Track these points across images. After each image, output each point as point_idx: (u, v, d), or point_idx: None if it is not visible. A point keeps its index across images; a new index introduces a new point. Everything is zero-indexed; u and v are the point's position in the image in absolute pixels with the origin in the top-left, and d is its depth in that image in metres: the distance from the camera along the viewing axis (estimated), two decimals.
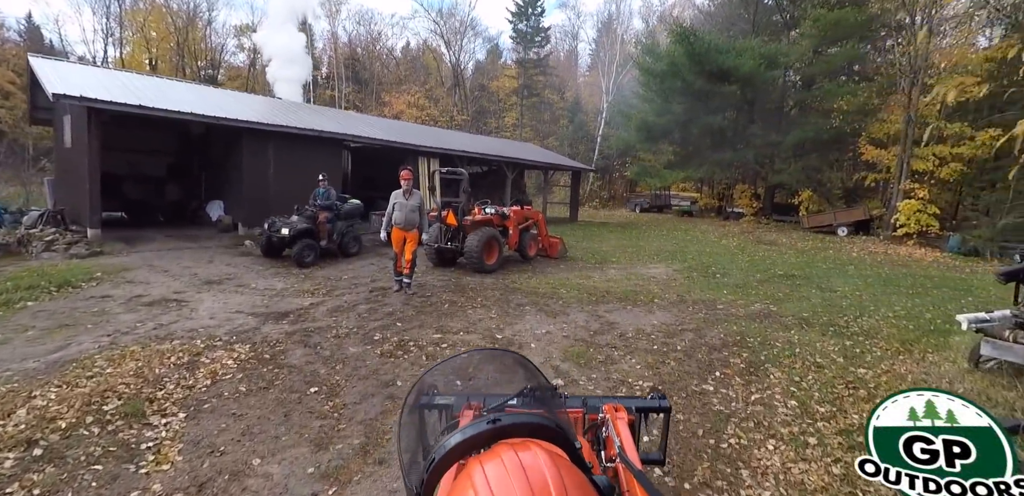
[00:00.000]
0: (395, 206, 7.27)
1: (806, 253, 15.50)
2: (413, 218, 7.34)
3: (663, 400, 1.93)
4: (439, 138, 18.29)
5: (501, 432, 0.92)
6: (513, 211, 10.54)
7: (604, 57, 42.48)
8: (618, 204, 40.20)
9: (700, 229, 21.97)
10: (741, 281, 10.19)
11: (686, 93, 21.44)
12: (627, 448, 1.46)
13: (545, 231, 11.66)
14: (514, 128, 46.93)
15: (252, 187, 11.54)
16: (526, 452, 0.83)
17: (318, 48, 48.89)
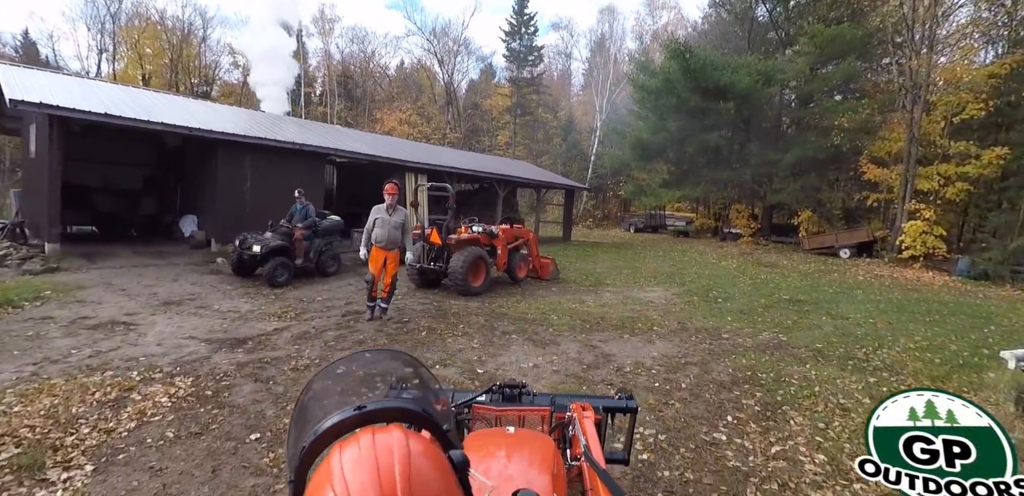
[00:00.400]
0: (376, 222, 6.68)
1: (810, 276, 15.04)
2: (396, 236, 6.75)
3: (630, 400, 2.00)
4: (428, 154, 17.91)
5: (367, 418, 0.95)
6: (502, 230, 10.04)
7: (597, 76, 42.82)
8: (612, 224, 39.94)
9: (697, 250, 21.56)
10: (745, 306, 9.67)
11: (681, 110, 21.33)
12: (592, 447, 1.49)
13: (536, 251, 11.15)
14: (507, 147, 46.94)
15: (227, 202, 11.00)
16: (383, 434, 0.85)
17: (311, 65, 49.18)
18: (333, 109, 45.05)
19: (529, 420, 1.85)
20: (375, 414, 0.95)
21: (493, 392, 1.96)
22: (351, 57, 49.73)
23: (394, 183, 6.73)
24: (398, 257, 6.91)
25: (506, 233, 10.21)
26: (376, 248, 6.73)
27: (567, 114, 47.90)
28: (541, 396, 1.97)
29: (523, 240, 10.82)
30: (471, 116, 49.92)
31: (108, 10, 42.68)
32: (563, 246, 20.39)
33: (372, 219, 6.69)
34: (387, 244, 6.70)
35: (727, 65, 19.11)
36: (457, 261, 8.71)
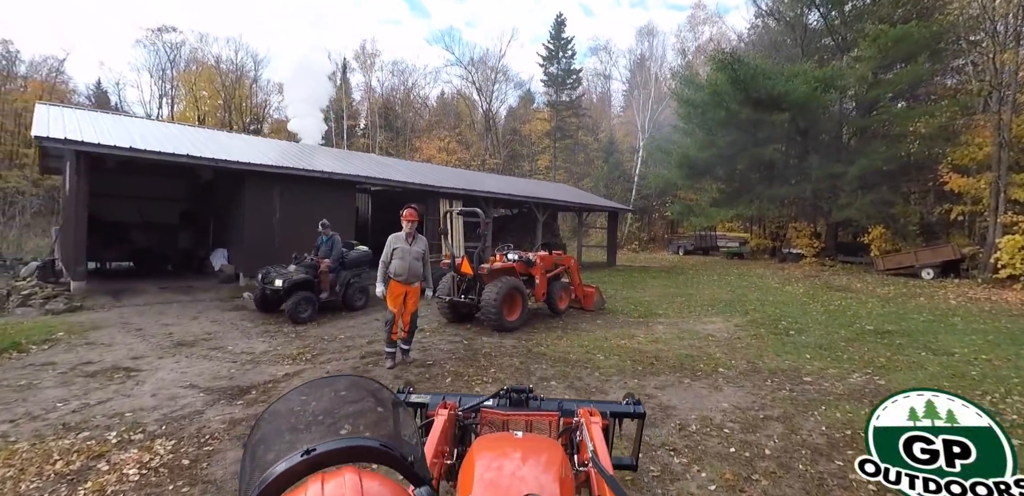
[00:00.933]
0: (394, 253, 6.02)
1: (892, 301, 13.41)
2: (416, 268, 6.07)
3: (638, 406, 2.01)
4: (464, 179, 17.51)
5: (317, 462, 0.89)
6: (540, 257, 9.26)
7: (638, 95, 42.21)
8: (659, 246, 38.46)
9: (756, 273, 20.02)
10: (824, 340, 8.44)
11: (731, 124, 20.21)
12: (600, 453, 1.52)
13: (579, 279, 10.29)
14: (547, 171, 46.62)
15: (255, 234, 10.77)
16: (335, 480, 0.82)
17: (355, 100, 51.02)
18: (375, 140, 46.21)
19: (536, 425, 1.87)
20: (326, 457, 0.90)
21: (500, 396, 1.98)
22: (392, 90, 51.30)
23: (413, 208, 6.09)
24: (419, 292, 6.23)
25: (544, 260, 9.42)
26: (394, 282, 6.06)
27: (608, 135, 47.34)
28: (548, 401, 1.99)
29: (563, 267, 10.00)
30: (510, 142, 50.14)
31: (168, 57, 45.76)
32: (608, 272, 19.38)
33: (389, 249, 6.04)
34: (407, 277, 6.03)
35: (780, 73, 17.99)
36: (490, 293, 7.96)
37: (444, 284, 8.56)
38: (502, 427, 1.85)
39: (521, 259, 9.01)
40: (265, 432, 1.09)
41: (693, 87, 21.56)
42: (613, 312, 10.55)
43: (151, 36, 44.90)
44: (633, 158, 40.71)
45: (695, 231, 32.83)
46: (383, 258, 6.09)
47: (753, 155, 20.57)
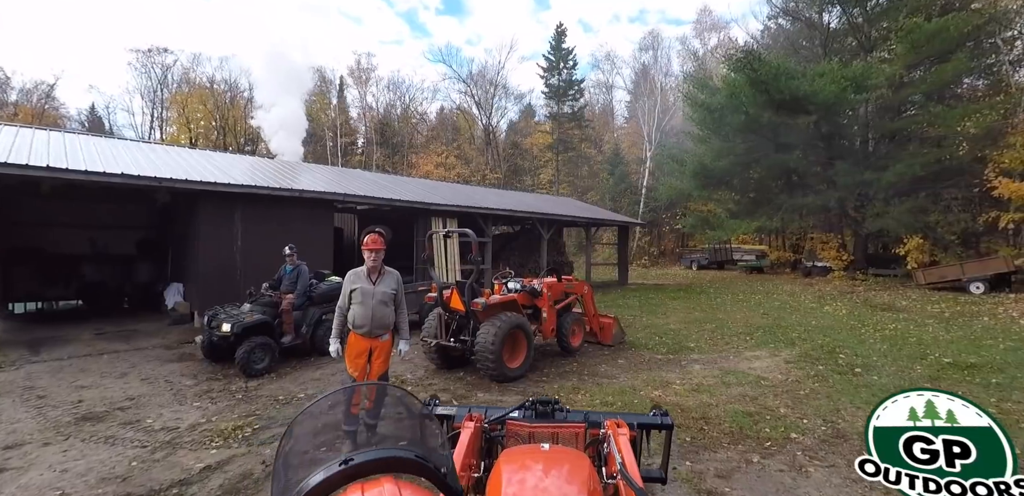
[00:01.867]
0: (353, 295, 4.50)
1: (952, 323, 11.76)
2: (384, 315, 4.53)
3: (666, 417, 2.05)
4: (460, 195, 16.10)
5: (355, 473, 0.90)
6: (547, 285, 7.73)
7: (644, 105, 41.05)
8: (670, 261, 36.87)
9: (784, 290, 18.39)
10: (901, 380, 6.93)
11: (750, 129, 18.78)
12: (628, 465, 1.53)
13: (594, 309, 8.73)
14: (550, 185, 45.38)
15: (213, 266, 9.30)
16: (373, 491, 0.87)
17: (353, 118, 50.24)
18: (372, 157, 45.19)
19: (563, 437, 1.88)
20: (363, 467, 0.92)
21: (526, 408, 2.01)
22: (389, 106, 50.52)
23: (377, 233, 4.58)
24: (389, 348, 4.70)
25: (553, 289, 7.89)
26: (355, 336, 4.54)
27: (612, 147, 46.10)
28: (575, 412, 2.01)
29: (575, 296, 8.46)
30: (511, 156, 49.02)
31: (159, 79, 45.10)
32: (620, 291, 17.80)
33: (347, 291, 4.53)
34: (371, 328, 4.50)
35: (804, 73, 16.59)
36: (486, 335, 6.41)
37: (430, 323, 7.04)
38: (528, 439, 1.89)
39: (524, 289, 7.49)
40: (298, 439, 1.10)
41: (708, 90, 20.21)
42: (636, 346, 8.97)
43: (142, 58, 44.29)
44: (640, 169, 39.39)
45: (709, 244, 31.27)
46: (339, 303, 4.58)
47: (775, 162, 19.10)
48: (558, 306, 7.94)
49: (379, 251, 4.52)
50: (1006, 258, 16.15)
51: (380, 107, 49.97)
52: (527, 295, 7.49)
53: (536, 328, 7.47)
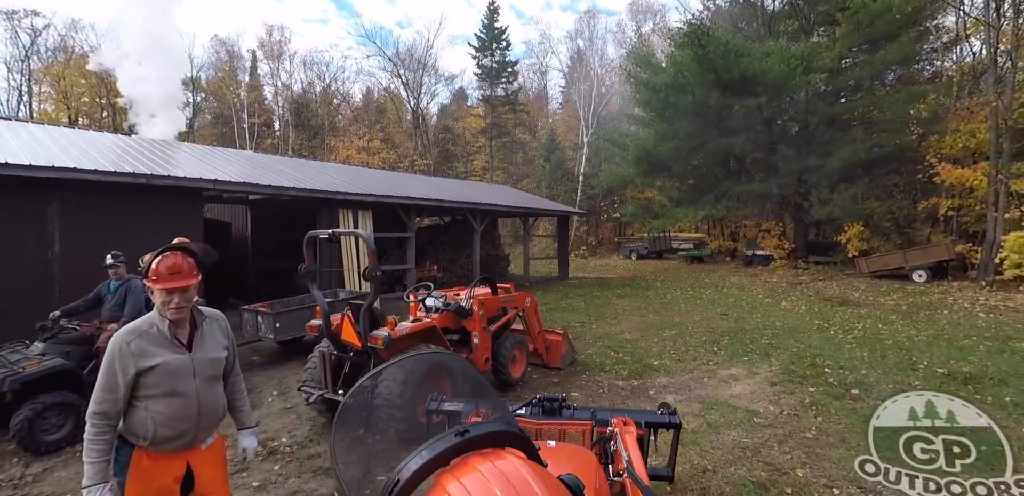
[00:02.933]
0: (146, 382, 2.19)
1: (915, 319, 11.07)
2: (215, 404, 2.41)
3: (673, 416, 2.03)
4: (379, 182, 13.88)
5: (468, 445, 0.91)
6: (479, 300, 5.87)
7: (579, 88, 39.81)
8: (608, 250, 36.05)
9: (731, 282, 17.57)
10: None
11: (696, 111, 17.66)
12: (635, 463, 1.52)
13: (539, 324, 6.98)
14: (484, 171, 43.45)
15: (16, 280, 6.73)
16: (502, 461, 0.87)
17: (267, 98, 45.74)
18: (287, 141, 41.26)
19: (570, 434, 1.91)
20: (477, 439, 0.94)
21: (533, 405, 2.07)
22: (308, 85, 46.35)
23: (181, 253, 2.35)
24: (223, 455, 2.61)
25: (487, 305, 6.06)
26: (152, 459, 2.26)
27: (547, 133, 44.66)
28: (582, 410, 2.02)
29: (516, 311, 6.66)
30: (443, 141, 46.44)
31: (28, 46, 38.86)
32: (561, 288, 16.30)
33: (123, 377, 2.17)
34: (195, 434, 2.34)
35: (753, 52, 15.51)
36: (392, 381, 4.48)
37: (312, 364, 5.02)
38: (535, 436, 1.89)
39: (448, 307, 5.62)
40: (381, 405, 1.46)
41: (651, 69, 18.88)
42: (589, 368, 7.34)
43: (4, 21, 37.83)
44: (576, 156, 38.21)
45: (648, 233, 30.56)
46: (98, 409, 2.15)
47: (720, 147, 18.15)
48: (494, 327, 6.13)
49: (186, 289, 2.37)
50: (947, 246, 16.04)
51: (297, 86, 45.81)
52: (452, 315, 5.63)
53: (466, 357, 5.62)
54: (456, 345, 5.81)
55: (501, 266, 19.54)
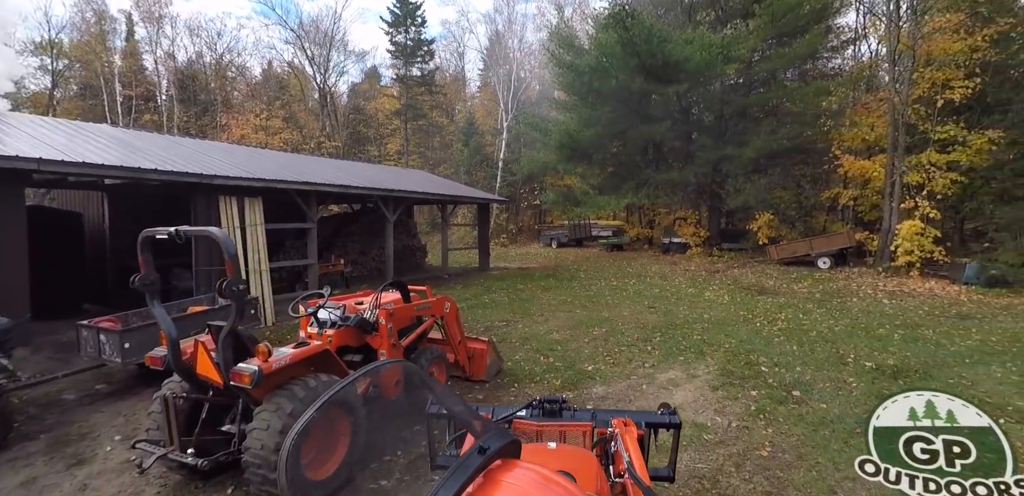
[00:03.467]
0: None
1: (829, 307, 11.37)
2: None
3: (673, 416, 2.07)
4: (270, 164, 12.18)
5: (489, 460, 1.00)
6: (386, 311, 4.80)
7: (498, 71, 38.76)
8: (528, 238, 35.62)
9: (653, 271, 17.56)
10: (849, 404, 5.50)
11: (618, 97, 17.27)
12: (636, 464, 1.53)
13: (461, 332, 6.04)
14: (399, 156, 41.45)
15: None
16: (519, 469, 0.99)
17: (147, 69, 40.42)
18: (172, 116, 36.79)
19: (570, 435, 1.91)
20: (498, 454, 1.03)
21: (533, 407, 2.06)
22: (197, 55, 41.52)
23: None
24: None
25: (398, 314, 5.00)
26: None
27: (466, 117, 43.25)
28: (582, 411, 2.06)
29: (434, 318, 5.67)
30: (354, 122, 43.62)
31: None
32: (483, 280, 15.45)
33: None
34: None
35: (675, 38, 15.23)
36: (266, 430, 3.38)
37: (154, 409, 3.76)
38: (536, 438, 1.91)
39: (348, 322, 4.54)
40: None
41: (574, 51, 18.17)
42: (518, 378, 6.54)
43: None
44: (495, 141, 37.26)
45: (568, 221, 30.40)
46: None
47: (641, 135, 17.94)
48: (406, 340, 5.11)
49: None
50: (849, 234, 16.92)
51: (182, 55, 40.91)
52: (352, 331, 4.56)
53: (364, 385, 4.59)
54: (358, 367, 4.74)
55: (418, 257, 18.33)
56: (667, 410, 2.12)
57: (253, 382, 3.35)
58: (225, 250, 3.36)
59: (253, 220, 9.81)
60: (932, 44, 14.43)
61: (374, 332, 4.72)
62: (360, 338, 4.74)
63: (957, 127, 14.59)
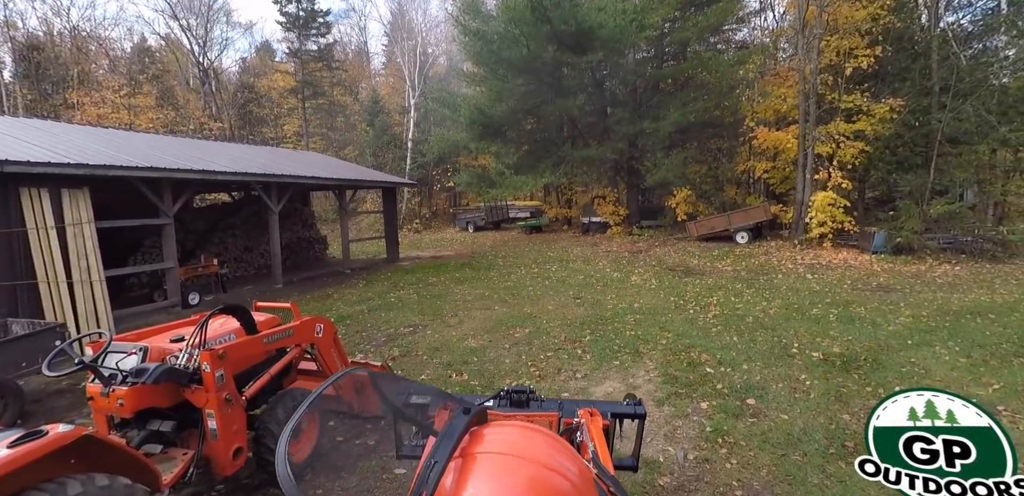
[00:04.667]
0: None
1: (758, 286, 10.97)
2: None
3: (638, 406, 2.12)
4: (103, 145, 9.81)
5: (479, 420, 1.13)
6: (211, 353, 3.23)
7: (404, 46, 36.19)
8: (443, 223, 33.97)
9: (575, 255, 16.72)
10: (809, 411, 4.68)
11: (530, 68, 15.94)
12: (601, 453, 1.56)
13: (343, 359, 4.60)
14: (298, 138, 37.97)
15: None
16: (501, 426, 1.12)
17: None
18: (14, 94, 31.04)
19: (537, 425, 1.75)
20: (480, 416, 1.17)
21: (501, 397, 2.13)
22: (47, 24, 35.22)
23: None
24: None
25: (233, 355, 3.43)
26: None
27: (370, 95, 40.27)
28: (549, 401, 2.14)
29: (301, 348, 4.21)
30: (244, 101, 39.29)
31: None
32: (389, 274, 13.86)
33: None
34: None
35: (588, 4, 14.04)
36: None
37: None
38: None
39: (146, 376, 2.99)
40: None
41: (481, 17, 16.49)
42: None
43: None
44: (403, 120, 34.93)
45: (484, 203, 29.07)
46: None
47: (557, 109, 16.79)
48: (251, 389, 3.61)
49: None
50: (765, 207, 16.91)
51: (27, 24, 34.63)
52: (161, 387, 3.11)
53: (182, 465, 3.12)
54: (173, 436, 3.30)
55: (316, 250, 16.30)
56: (632, 400, 2.14)
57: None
58: None
59: (77, 217, 7.63)
60: (837, 11, 14.34)
61: (194, 385, 3.22)
62: (175, 395, 3.26)
63: (861, 96, 14.71)
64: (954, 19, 17.47)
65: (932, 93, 15.06)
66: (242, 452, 3.43)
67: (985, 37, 17.03)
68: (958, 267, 12.51)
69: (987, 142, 14.17)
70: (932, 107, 14.98)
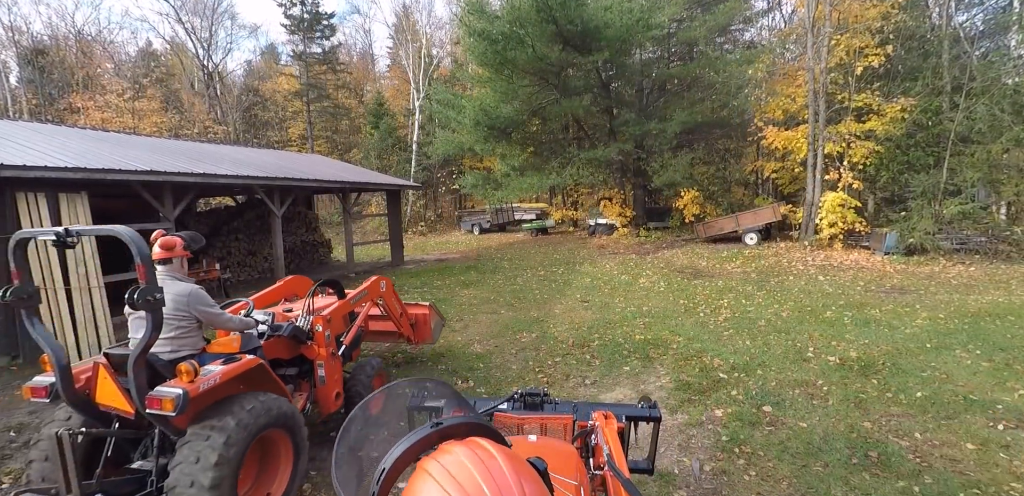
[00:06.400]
0: None
1: (770, 288, 10.78)
2: None
3: (654, 409, 2.07)
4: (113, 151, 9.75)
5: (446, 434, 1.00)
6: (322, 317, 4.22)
7: (409, 49, 36.19)
8: (449, 226, 33.85)
9: (582, 257, 16.55)
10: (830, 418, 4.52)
11: (536, 69, 15.81)
12: (616, 456, 1.53)
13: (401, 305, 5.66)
14: (303, 141, 38.06)
15: None
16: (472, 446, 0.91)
17: None
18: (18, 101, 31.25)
19: (551, 428, 1.88)
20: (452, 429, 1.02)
21: (515, 400, 2.06)
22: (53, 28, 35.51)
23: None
24: None
25: (334, 316, 4.38)
26: None
27: (375, 97, 40.33)
28: (563, 404, 2.06)
29: (372, 304, 5.16)
30: (250, 105, 39.41)
31: None
32: (395, 277, 13.72)
33: None
34: None
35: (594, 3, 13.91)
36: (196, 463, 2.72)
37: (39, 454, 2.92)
38: (516, 431, 1.87)
39: (279, 332, 3.95)
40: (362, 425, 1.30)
41: (486, 17, 16.36)
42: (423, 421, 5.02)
43: None
44: (408, 123, 34.88)
45: (490, 205, 28.95)
46: None
47: (563, 110, 16.64)
48: (345, 345, 4.57)
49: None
50: (774, 208, 16.69)
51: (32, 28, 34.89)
52: (284, 342, 4.02)
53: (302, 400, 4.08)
54: (293, 381, 4.18)
55: (321, 254, 16.23)
56: (647, 403, 2.12)
57: (177, 408, 2.68)
58: (137, 253, 2.69)
59: (75, 222, 7.55)
60: (847, 10, 14.17)
61: (309, 341, 4.15)
62: (293, 349, 4.16)
63: (872, 96, 14.51)
64: (965, 17, 17.28)
65: (944, 92, 14.85)
66: (340, 395, 4.31)
67: (997, 36, 16.81)
68: (972, 268, 12.29)
69: (1000, 142, 13.95)
70: (944, 106, 14.78)
